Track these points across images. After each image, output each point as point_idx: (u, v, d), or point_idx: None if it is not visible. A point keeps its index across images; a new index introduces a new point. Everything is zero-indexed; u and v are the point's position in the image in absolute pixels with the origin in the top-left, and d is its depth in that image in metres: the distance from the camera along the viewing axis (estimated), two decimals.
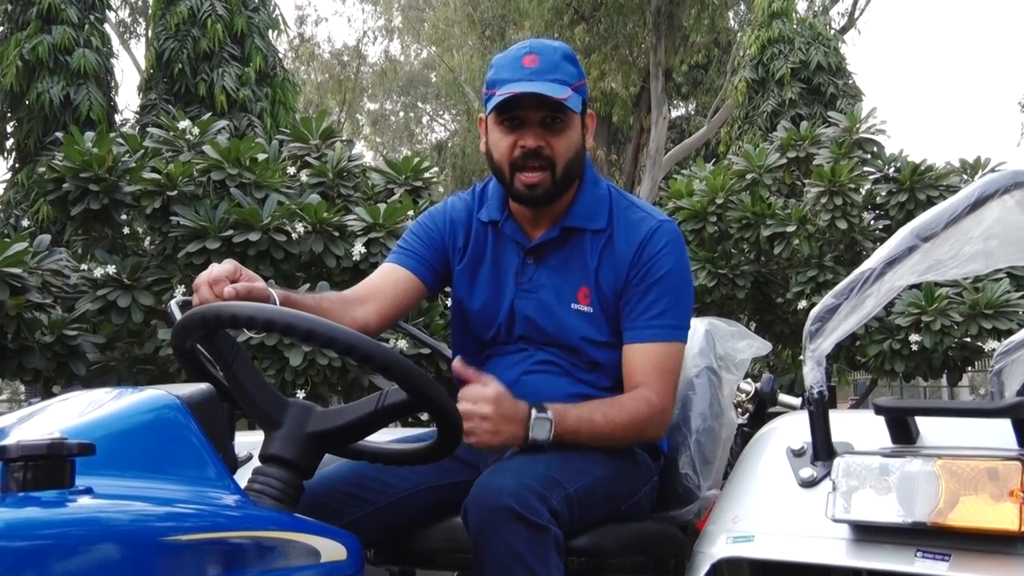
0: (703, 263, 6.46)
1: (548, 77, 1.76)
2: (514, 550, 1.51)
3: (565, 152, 1.81)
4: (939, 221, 1.51)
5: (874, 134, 6.71)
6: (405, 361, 1.40)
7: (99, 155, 5.09)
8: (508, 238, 1.92)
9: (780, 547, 1.51)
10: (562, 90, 1.76)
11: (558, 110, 1.78)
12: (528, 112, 1.79)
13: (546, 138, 1.80)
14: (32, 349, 4.73)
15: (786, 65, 13.80)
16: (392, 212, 5.22)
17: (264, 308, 1.37)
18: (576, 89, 1.80)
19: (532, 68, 1.77)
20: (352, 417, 1.46)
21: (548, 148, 1.80)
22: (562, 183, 1.83)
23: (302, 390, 4.81)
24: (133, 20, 20.97)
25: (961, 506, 1.32)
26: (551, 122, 1.79)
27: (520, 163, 1.80)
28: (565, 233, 1.87)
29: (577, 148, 1.84)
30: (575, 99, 1.78)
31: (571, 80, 1.79)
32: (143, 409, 1.30)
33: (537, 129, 1.79)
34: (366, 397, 1.49)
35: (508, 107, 1.79)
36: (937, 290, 5.81)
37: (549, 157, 1.80)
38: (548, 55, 1.80)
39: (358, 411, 1.46)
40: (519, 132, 1.80)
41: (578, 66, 1.85)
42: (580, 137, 1.86)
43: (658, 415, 1.80)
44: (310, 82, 24.17)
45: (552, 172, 1.80)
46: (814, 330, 1.57)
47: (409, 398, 1.42)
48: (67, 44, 10.49)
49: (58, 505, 1.03)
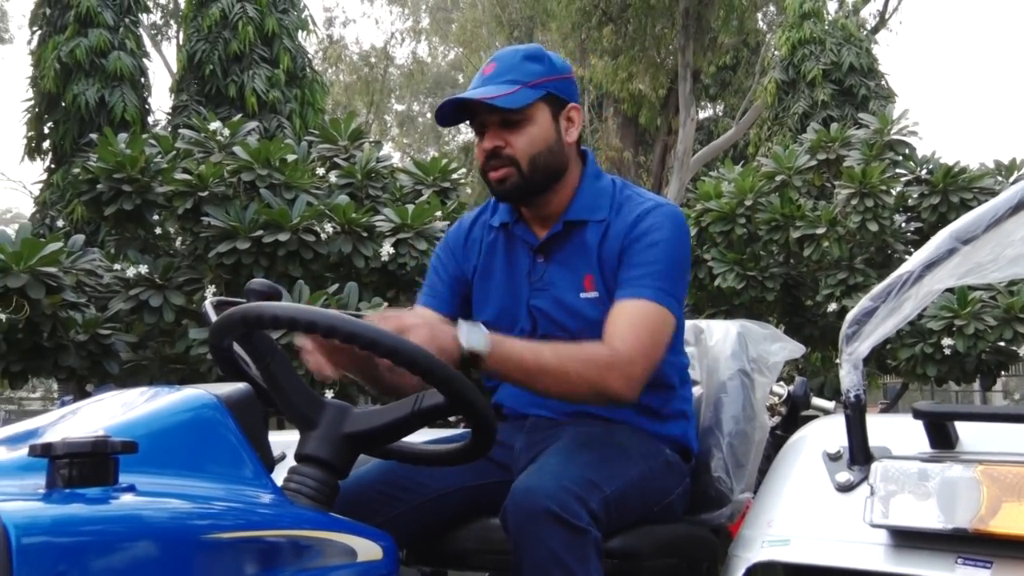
0: (731, 265, 6.43)
1: (498, 80, 1.81)
2: (554, 552, 1.51)
3: (527, 147, 1.83)
4: (980, 223, 1.48)
5: (906, 136, 6.65)
6: (443, 364, 1.40)
7: (132, 156, 5.16)
8: (518, 239, 1.95)
9: (816, 552, 1.50)
10: (501, 89, 1.79)
11: (507, 111, 1.81)
12: (484, 117, 1.84)
13: (505, 137, 1.83)
14: (67, 348, 4.79)
15: (817, 66, 13.69)
16: (420, 213, 5.25)
17: (305, 309, 1.38)
18: (535, 85, 1.82)
19: (487, 75, 1.83)
20: (388, 419, 1.46)
21: (508, 147, 1.83)
22: (534, 177, 1.85)
23: (331, 390, 4.84)
24: (165, 22, 21.21)
25: (1003, 513, 1.30)
26: (508, 122, 1.83)
27: (488, 165, 1.86)
28: (568, 227, 1.90)
29: (548, 143, 1.85)
30: (521, 95, 1.80)
31: (526, 78, 1.82)
32: (183, 408, 1.31)
33: (494, 131, 1.84)
34: (402, 399, 1.49)
35: (470, 116, 1.86)
36: (970, 293, 5.74)
37: (509, 155, 1.83)
38: (506, 59, 1.85)
39: (394, 413, 1.47)
40: (482, 137, 1.85)
41: (545, 62, 1.86)
42: (551, 131, 1.86)
43: (620, 364, 1.68)
44: (338, 83, 24.31)
45: (518, 168, 1.84)
46: (851, 333, 1.56)
47: (445, 401, 1.43)
48: (103, 47, 10.64)
49: (102, 502, 1.04)
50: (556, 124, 1.87)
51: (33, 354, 4.77)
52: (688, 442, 1.92)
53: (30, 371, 4.94)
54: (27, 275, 4.43)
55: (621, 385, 1.68)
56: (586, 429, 1.81)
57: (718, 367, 2.09)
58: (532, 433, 1.86)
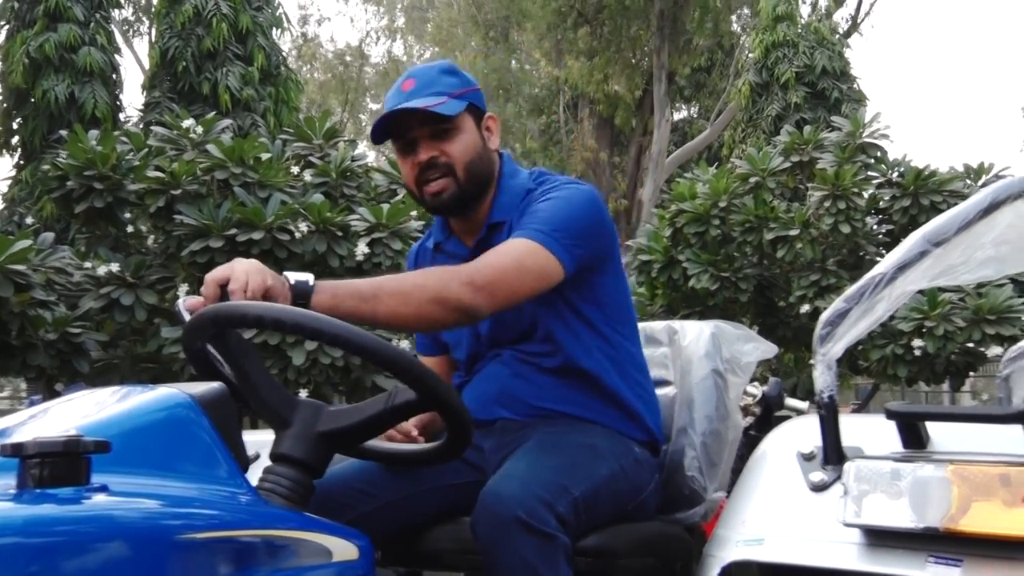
0: (705, 266, 6.47)
1: (423, 93, 1.84)
2: (525, 560, 1.51)
3: (462, 155, 1.86)
4: (951, 226, 1.50)
5: (878, 139, 6.72)
6: (415, 361, 1.40)
7: (103, 153, 5.10)
8: (450, 254, 1.97)
9: (791, 551, 1.51)
10: (433, 100, 1.82)
11: (440, 121, 1.84)
12: (414, 131, 1.86)
13: (439, 147, 1.86)
14: (36, 346, 4.73)
15: (790, 69, 13.81)
16: (395, 212, 5.23)
17: (273, 307, 1.37)
18: (458, 96, 1.86)
19: (408, 91, 1.85)
20: (362, 416, 1.46)
21: (443, 156, 1.86)
22: (469, 186, 1.87)
23: (305, 389, 4.82)
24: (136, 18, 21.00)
25: (973, 511, 1.32)
26: (440, 133, 1.85)
27: (423, 178, 1.87)
28: (491, 230, 1.92)
29: (477, 150, 1.89)
30: (452, 104, 1.84)
31: (448, 90, 1.86)
32: (156, 407, 1.30)
33: (427, 142, 1.86)
34: (375, 396, 1.49)
35: (398, 133, 1.87)
36: (940, 295, 5.81)
37: (446, 164, 1.86)
38: (424, 74, 1.88)
39: (367, 410, 1.47)
40: (414, 152, 1.87)
41: (460, 76, 1.92)
42: (478, 139, 1.90)
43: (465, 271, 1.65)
44: (313, 82, 24.20)
45: (455, 177, 1.86)
46: (824, 334, 1.57)
47: (418, 397, 1.43)
48: (73, 42, 10.52)
49: (74, 502, 1.03)
50: (480, 133, 1.91)
51: (1, 353, 4.71)
52: (656, 435, 1.93)
53: None
54: None
55: (463, 291, 1.61)
56: (554, 430, 1.81)
57: (691, 367, 2.10)
58: (501, 435, 1.86)
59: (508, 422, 1.88)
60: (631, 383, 1.92)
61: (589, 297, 1.89)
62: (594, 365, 1.88)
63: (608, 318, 1.91)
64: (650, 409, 1.94)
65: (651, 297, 6.99)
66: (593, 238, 1.84)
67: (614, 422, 1.88)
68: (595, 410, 1.87)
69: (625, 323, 1.96)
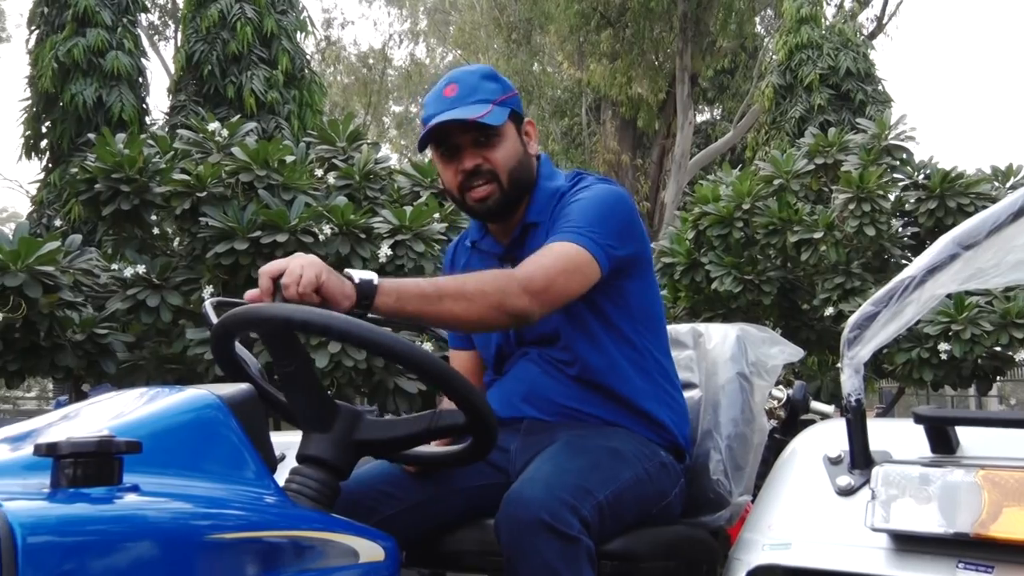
0: (729, 268, 6.44)
1: (468, 101, 1.85)
2: (548, 563, 1.51)
3: (505, 162, 1.88)
4: (982, 229, 1.49)
5: (903, 141, 6.66)
6: (443, 364, 1.41)
7: (130, 156, 5.15)
8: (486, 253, 2.00)
9: (817, 555, 1.50)
10: (479, 109, 1.84)
11: (485, 129, 1.86)
12: (458, 138, 1.87)
13: (483, 155, 1.88)
14: (64, 347, 4.78)
15: (814, 71, 13.72)
16: (418, 215, 5.24)
17: (314, 312, 1.38)
18: (501, 103, 1.88)
19: (452, 97, 1.86)
20: (403, 432, 1.47)
21: (487, 163, 1.88)
22: (512, 191, 1.90)
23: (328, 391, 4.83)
24: (163, 23, 21.20)
25: (1004, 517, 1.31)
26: (483, 140, 1.87)
27: (466, 184, 1.89)
28: (526, 229, 1.93)
29: (519, 156, 1.91)
30: (497, 112, 1.86)
31: (492, 96, 1.87)
32: (186, 408, 1.32)
33: (471, 150, 1.88)
34: (420, 414, 1.50)
35: (442, 139, 1.89)
36: (967, 299, 5.75)
37: (491, 170, 1.88)
38: (466, 80, 1.89)
39: (410, 427, 1.48)
40: (457, 159, 1.89)
41: (501, 81, 1.93)
42: (519, 145, 1.92)
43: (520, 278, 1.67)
44: (336, 85, 24.31)
45: (499, 183, 1.88)
46: (852, 337, 1.56)
47: (465, 421, 1.43)
48: (101, 46, 10.64)
49: (107, 502, 1.04)
50: (521, 139, 1.93)
51: (30, 353, 4.76)
52: (682, 442, 1.93)
53: (27, 370, 4.93)
54: (24, 274, 4.43)
55: (521, 299, 1.65)
56: (580, 432, 1.81)
57: (717, 370, 2.09)
58: (527, 436, 1.86)
59: (534, 422, 1.88)
60: (658, 392, 1.91)
61: (620, 303, 1.89)
62: (614, 378, 1.88)
63: (637, 325, 1.91)
64: (677, 418, 1.93)
65: (674, 300, 6.96)
66: (626, 237, 1.85)
67: (639, 429, 1.88)
68: (619, 415, 1.87)
69: (655, 331, 1.95)
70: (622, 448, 1.79)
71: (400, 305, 1.54)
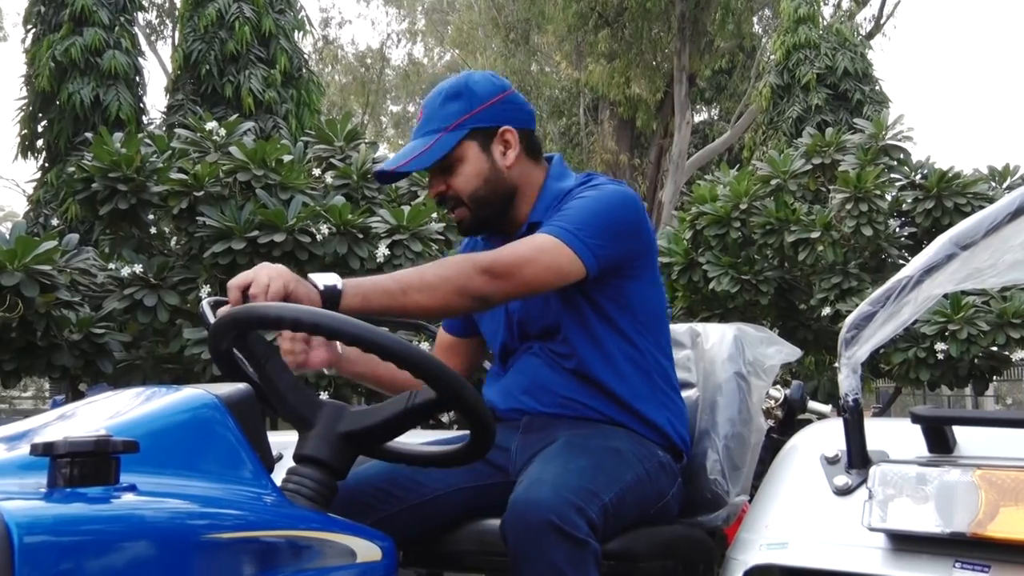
0: (726, 268, 6.44)
1: (423, 132, 1.89)
2: (556, 566, 1.51)
3: (465, 186, 1.89)
4: (978, 229, 1.49)
5: (900, 141, 6.66)
6: (436, 360, 1.40)
7: (127, 155, 5.14)
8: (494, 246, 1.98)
9: (814, 555, 1.50)
10: (424, 142, 1.86)
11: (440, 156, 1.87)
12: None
13: (445, 181, 1.90)
14: (60, 347, 4.77)
15: (812, 71, 13.73)
16: (416, 215, 5.24)
17: (292, 308, 1.38)
18: (457, 126, 1.87)
19: (417, 127, 1.91)
20: (383, 416, 1.47)
21: (450, 189, 1.90)
22: (482, 211, 1.91)
23: (325, 392, 4.83)
24: (160, 22, 21.17)
25: (1001, 517, 1.31)
26: (443, 167, 1.89)
27: (441, 206, 1.99)
28: (531, 228, 1.92)
29: (484, 175, 1.89)
30: (444, 141, 1.86)
31: (446, 123, 1.87)
32: (183, 408, 1.31)
33: (436, 176, 1.91)
34: (396, 396, 1.49)
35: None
36: (964, 299, 5.76)
37: (454, 196, 1.91)
38: (430, 106, 1.91)
39: (389, 410, 1.47)
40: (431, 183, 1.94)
41: (464, 98, 1.89)
42: (484, 163, 1.90)
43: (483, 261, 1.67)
44: (334, 84, 24.30)
45: (465, 206, 1.91)
46: (850, 337, 1.56)
47: (439, 396, 1.43)
48: (98, 45, 10.63)
49: (104, 501, 1.04)
50: (488, 155, 1.90)
51: (26, 353, 4.75)
52: (679, 443, 1.93)
53: (23, 370, 4.92)
54: (21, 273, 4.41)
55: (479, 280, 1.65)
56: (581, 431, 1.81)
57: (714, 370, 2.09)
58: (527, 434, 1.86)
59: (533, 419, 1.88)
60: (656, 393, 1.91)
61: (621, 302, 1.88)
62: (610, 374, 1.87)
63: (638, 324, 1.90)
64: (675, 420, 1.93)
65: (671, 300, 6.96)
66: (623, 239, 1.83)
67: (635, 427, 1.88)
68: (615, 411, 1.88)
69: (656, 332, 1.95)
70: (623, 448, 1.79)
71: (366, 304, 1.55)
